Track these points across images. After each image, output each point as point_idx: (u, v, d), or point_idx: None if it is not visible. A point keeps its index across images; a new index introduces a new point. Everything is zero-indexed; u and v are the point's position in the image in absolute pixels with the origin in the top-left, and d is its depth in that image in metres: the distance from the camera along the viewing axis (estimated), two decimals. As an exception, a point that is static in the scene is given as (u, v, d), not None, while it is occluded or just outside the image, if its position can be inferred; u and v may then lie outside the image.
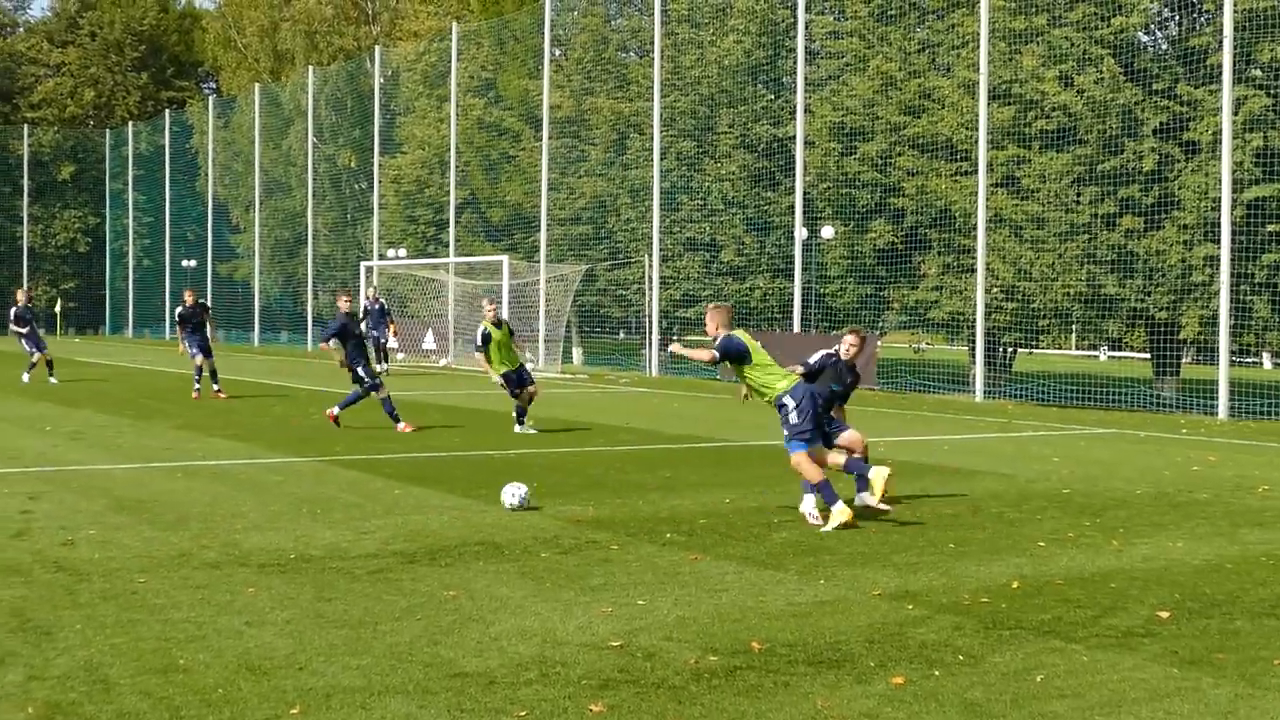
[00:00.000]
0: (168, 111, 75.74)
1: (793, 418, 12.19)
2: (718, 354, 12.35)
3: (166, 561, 10.20)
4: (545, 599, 9.00)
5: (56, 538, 11.17)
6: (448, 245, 49.04)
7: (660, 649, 7.72)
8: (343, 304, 21.67)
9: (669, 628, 8.22)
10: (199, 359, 27.99)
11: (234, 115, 68.77)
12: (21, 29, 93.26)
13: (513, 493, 12.90)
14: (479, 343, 21.03)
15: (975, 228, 31.12)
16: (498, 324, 21.01)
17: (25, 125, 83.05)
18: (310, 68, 61.99)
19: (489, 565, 10.17)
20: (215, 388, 28.05)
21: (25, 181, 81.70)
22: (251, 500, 13.42)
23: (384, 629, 8.13)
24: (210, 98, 75.18)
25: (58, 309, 75.17)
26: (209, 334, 28.76)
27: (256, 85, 65.71)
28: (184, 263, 69.99)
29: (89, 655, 7.52)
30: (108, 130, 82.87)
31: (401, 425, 20.88)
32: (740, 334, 12.56)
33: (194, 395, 27.71)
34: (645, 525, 12.01)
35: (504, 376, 20.89)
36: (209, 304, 30.82)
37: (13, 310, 33.47)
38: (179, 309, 29.00)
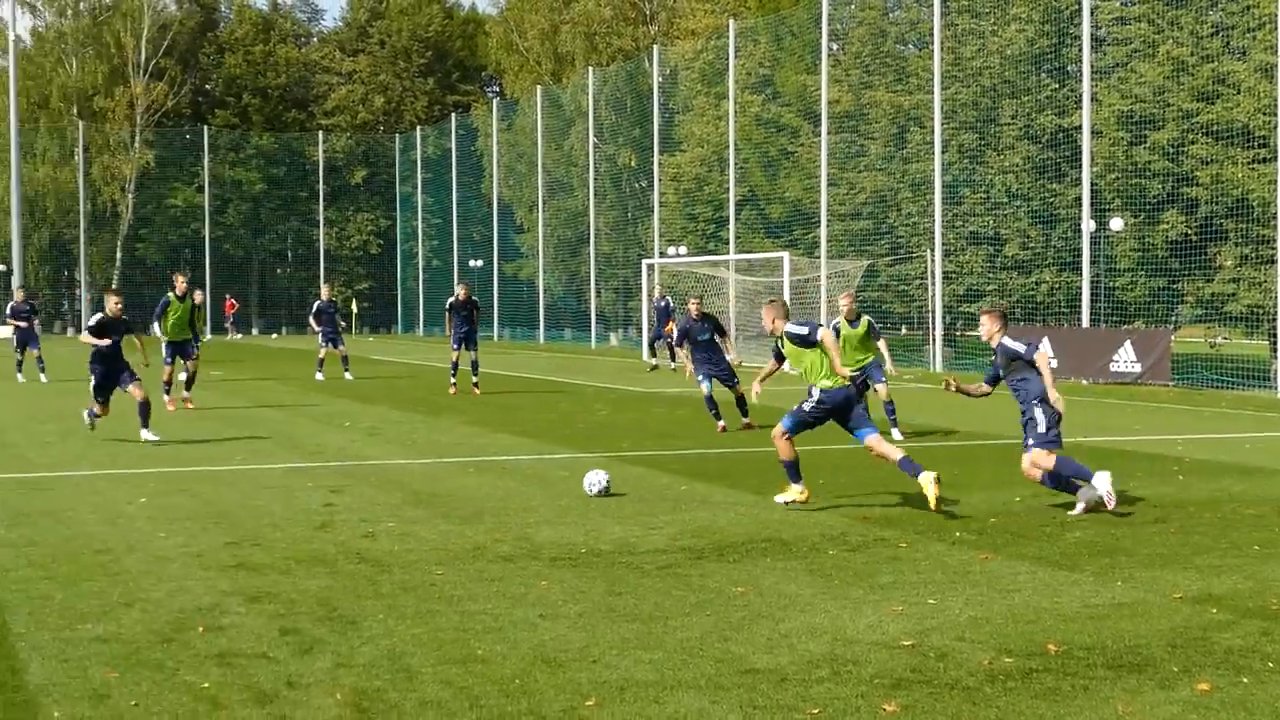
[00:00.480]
0: (453, 115, 77.72)
1: (807, 406, 12.61)
2: (834, 332, 12.93)
3: (462, 554, 10.48)
4: (834, 596, 8.97)
5: (358, 530, 11.58)
6: (727, 242, 49.17)
7: (953, 649, 7.62)
8: (692, 308, 21.40)
9: (961, 628, 8.11)
10: (457, 353, 28.38)
11: (516, 117, 70.18)
12: (315, 39, 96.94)
13: (595, 480, 13.53)
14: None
15: (1275, 217, 29.86)
16: (853, 321, 19.11)
17: (320, 132, 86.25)
18: (590, 69, 62.85)
19: (776, 562, 10.17)
20: (473, 380, 28.41)
21: (321, 186, 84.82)
22: (541, 495, 13.70)
23: (674, 624, 8.20)
24: (494, 101, 76.82)
25: (354, 308, 77.88)
26: (474, 328, 28.91)
27: (538, 87, 66.90)
28: (471, 263, 71.69)
29: (392, 644, 7.78)
30: (397, 135, 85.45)
31: (721, 424, 20.59)
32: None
33: (451, 390, 28.19)
34: (933, 523, 11.86)
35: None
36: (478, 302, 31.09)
37: (315, 304, 34.77)
38: (450, 299, 29.38)
